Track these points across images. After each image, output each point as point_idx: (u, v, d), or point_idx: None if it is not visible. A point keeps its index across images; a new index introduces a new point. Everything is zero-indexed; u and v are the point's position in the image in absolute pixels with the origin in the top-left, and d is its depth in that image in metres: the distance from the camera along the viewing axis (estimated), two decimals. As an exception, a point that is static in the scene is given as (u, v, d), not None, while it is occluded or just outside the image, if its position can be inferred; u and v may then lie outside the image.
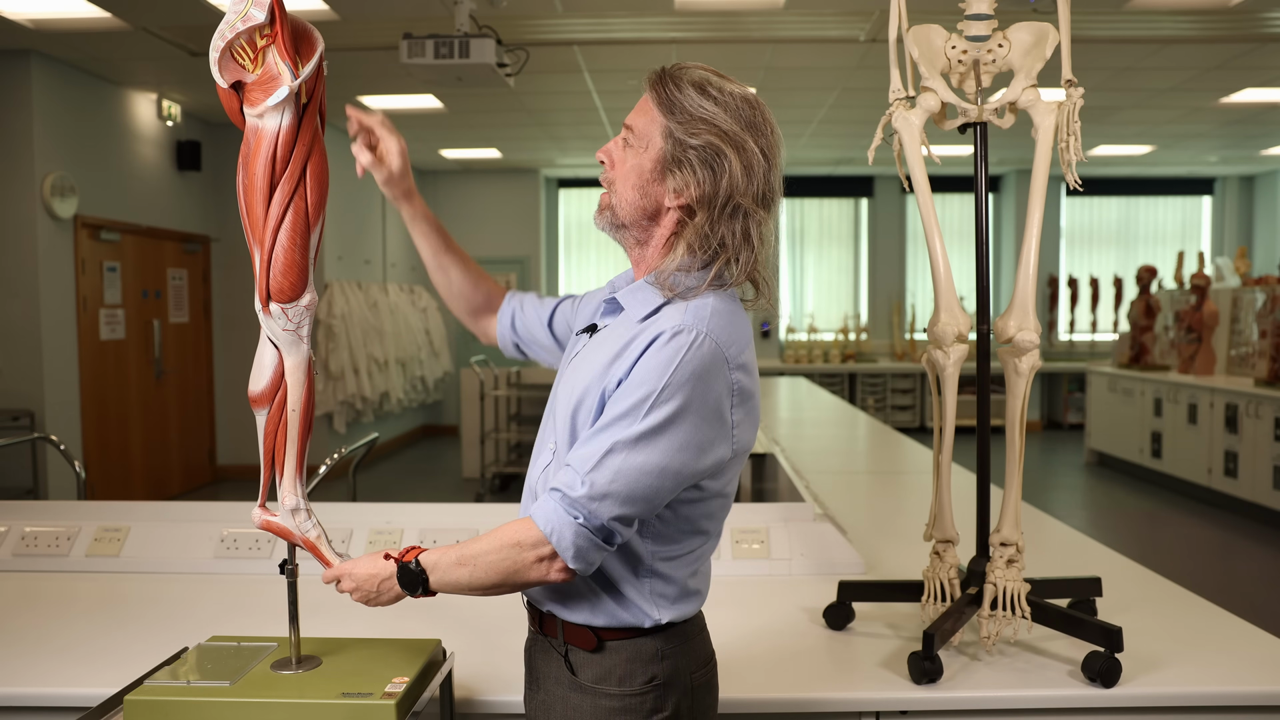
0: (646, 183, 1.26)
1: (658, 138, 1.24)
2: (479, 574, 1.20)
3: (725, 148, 1.20)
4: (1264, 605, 4.61)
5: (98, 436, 6.29)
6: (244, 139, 1.28)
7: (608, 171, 1.30)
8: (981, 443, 1.84)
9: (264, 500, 1.37)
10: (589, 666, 1.26)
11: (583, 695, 1.25)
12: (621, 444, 1.15)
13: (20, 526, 2.32)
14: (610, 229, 1.31)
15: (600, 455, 1.16)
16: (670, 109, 1.23)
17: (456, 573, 1.21)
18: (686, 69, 1.25)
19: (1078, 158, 1.72)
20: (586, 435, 1.20)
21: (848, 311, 11.31)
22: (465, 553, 1.21)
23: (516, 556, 1.18)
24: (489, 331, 1.63)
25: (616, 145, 1.30)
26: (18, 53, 5.62)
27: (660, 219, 1.28)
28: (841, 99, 7.21)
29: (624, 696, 1.24)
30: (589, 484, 1.15)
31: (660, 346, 1.17)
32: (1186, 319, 7.47)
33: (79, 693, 1.56)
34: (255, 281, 1.30)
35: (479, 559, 1.20)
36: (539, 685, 1.32)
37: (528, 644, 1.36)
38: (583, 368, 1.28)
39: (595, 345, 1.30)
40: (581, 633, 1.26)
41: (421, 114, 7.65)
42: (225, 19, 1.23)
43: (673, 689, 1.26)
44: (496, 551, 1.19)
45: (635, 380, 1.17)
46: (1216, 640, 1.80)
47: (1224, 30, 5.46)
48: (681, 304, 1.22)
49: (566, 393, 1.27)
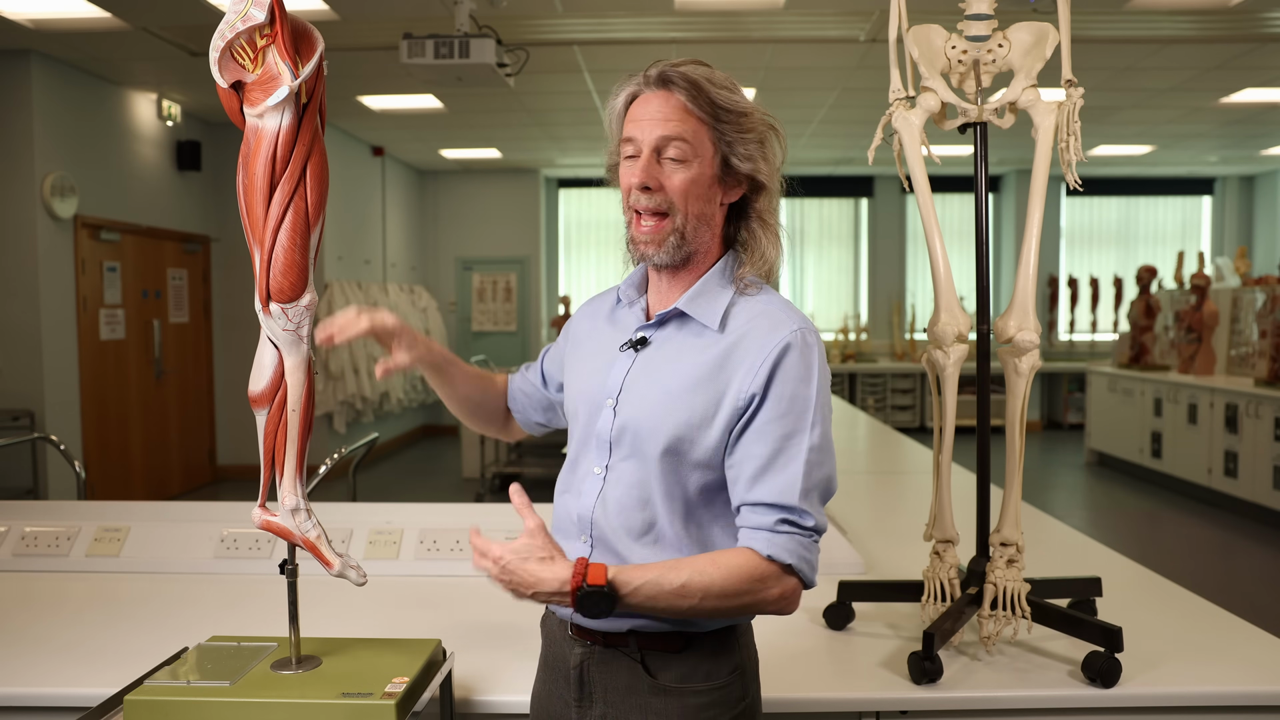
0: (708, 189, 1.25)
1: (708, 143, 1.23)
2: (706, 606, 1.15)
3: (768, 131, 1.26)
4: (1264, 605, 4.61)
5: (98, 436, 6.29)
6: (244, 139, 1.28)
7: (655, 195, 1.23)
8: (981, 443, 1.84)
9: (264, 500, 1.37)
10: (670, 668, 1.24)
11: (667, 698, 1.23)
12: (808, 451, 1.18)
13: (20, 526, 2.32)
14: (673, 254, 1.25)
15: (794, 465, 1.18)
16: (715, 113, 1.23)
17: (672, 601, 1.14)
18: (681, 67, 1.23)
19: (1078, 158, 1.72)
20: (760, 460, 1.18)
21: (848, 311, 11.31)
22: (689, 583, 1.13)
23: (760, 593, 1.16)
24: (514, 428, 1.59)
25: (655, 165, 1.23)
26: (18, 53, 5.62)
27: (714, 221, 1.28)
28: (841, 99, 7.21)
29: (713, 690, 1.23)
30: (800, 490, 1.17)
31: (798, 356, 1.20)
32: (1186, 319, 7.47)
33: (79, 693, 1.56)
34: (255, 281, 1.30)
35: (710, 592, 1.14)
36: (595, 700, 1.26)
37: (577, 662, 1.28)
38: (656, 388, 1.23)
39: (661, 360, 1.25)
40: (665, 637, 1.23)
41: (421, 114, 7.65)
42: (225, 19, 1.23)
43: (749, 674, 1.29)
44: (734, 586, 1.14)
45: (787, 394, 1.19)
46: (1216, 640, 1.80)
47: (1224, 30, 5.46)
48: (753, 301, 1.25)
49: (645, 413, 1.23)
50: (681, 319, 1.27)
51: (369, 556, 2.23)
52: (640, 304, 1.34)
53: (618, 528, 1.24)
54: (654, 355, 1.27)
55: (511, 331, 10.68)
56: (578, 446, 1.32)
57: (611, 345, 1.32)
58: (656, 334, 1.28)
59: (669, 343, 1.27)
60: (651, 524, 1.23)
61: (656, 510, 1.23)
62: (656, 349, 1.27)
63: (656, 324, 1.29)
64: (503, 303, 10.69)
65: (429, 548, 2.24)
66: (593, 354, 1.35)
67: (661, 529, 1.23)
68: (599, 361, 1.32)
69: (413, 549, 2.25)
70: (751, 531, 1.18)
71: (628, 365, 1.28)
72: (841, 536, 2.28)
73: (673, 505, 1.23)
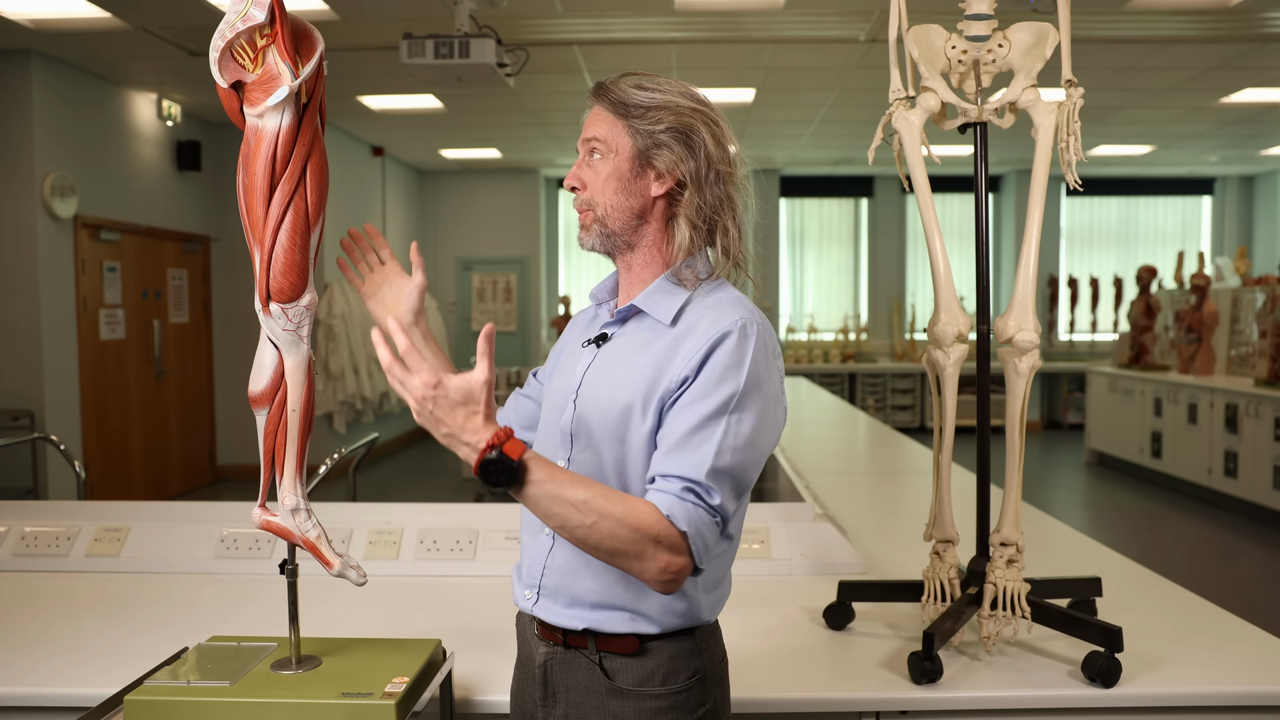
0: (629, 182, 1.28)
1: (624, 137, 1.28)
2: (596, 532, 1.11)
3: (693, 122, 1.27)
4: (1264, 605, 4.61)
5: (98, 436, 6.29)
6: (244, 139, 1.28)
7: (581, 194, 1.31)
8: (981, 443, 1.84)
9: (264, 500, 1.37)
10: (628, 671, 1.24)
11: (624, 700, 1.24)
12: (723, 435, 1.17)
13: (20, 526, 2.32)
14: (601, 242, 1.31)
15: (709, 444, 1.16)
16: (625, 110, 1.28)
17: (566, 510, 1.11)
18: (619, 78, 1.30)
19: (1078, 158, 1.72)
20: (677, 435, 1.17)
21: (848, 311, 11.31)
22: (589, 501, 1.11)
23: (645, 549, 1.12)
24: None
25: (583, 166, 1.31)
26: (18, 53, 5.62)
27: (649, 214, 1.30)
28: (841, 99, 7.21)
29: (670, 695, 1.24)
30: (709, 468, 1.15)
31: (734, 343, 1.20)
32: (1186, 319, 7.47)
33: (79, 693, 1.56)
34: (255, 281, 1.30)
35: (605, 517, 1.11)
36: (557, 700, 1.28)
37: (542, 661, 1.30)
38: (610, 377, 1.26)
39: (617, 354, 1.29)
40: (622, 639, 1.25)
41: (421, 114, 7.65)
42: (225, 19, 1.23)
43: (710, 682, 1.28)
44: (627, 527, 1.11)
45: (715, 377, 1.18)
46: (1216, 640, 1.80)
47: (1224, 30, 5.46)
48: (708, 297, 1.27)
49: (597, 402, 1.25)
50: (639, 315, 1.31)
51: (369, 556, 2.23)
52: (610, 304, 1.39)
53: None
54: (611, 350, 1.31)
55: (511, 331, 10.68)
56: (546, 442, 1.34)
57: (580, 344, 1.37)
58: (618, 330, 1.33)
59: (626, 338, 1.30)
60: None
61: None
62: (615, 343, 1.31)
63: (618, 320, 1.33)
64: (503, 303, 10.69)
65: (429, 548, 2.24)
66: (569, 355, 1.40)
67: None
68: (570, 360, 1.37)
69: (413, 549, 2.25)
70: (657, 493, 1.16)
71: (589, 361, 1.32)
72: (841, 536, 2.28)
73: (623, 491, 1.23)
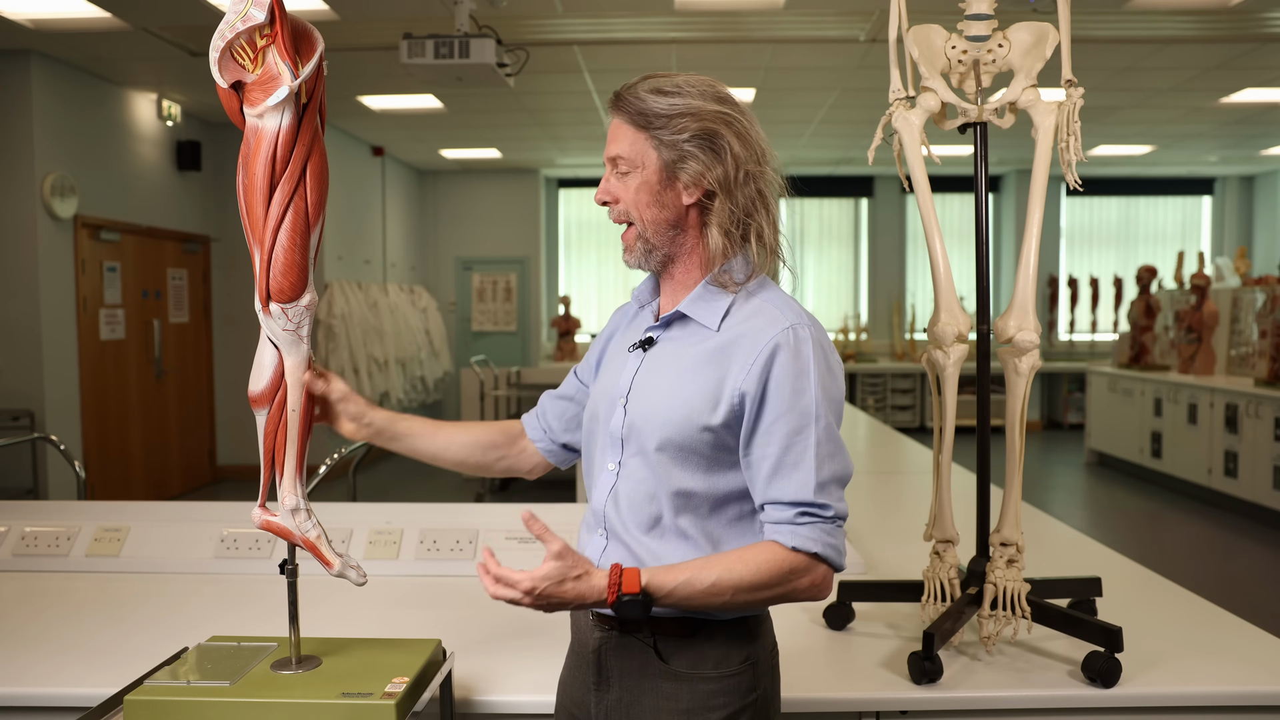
0: (659, 194, 1.28)
1: (649, 151, 1.27)
2: (739, 600, 1.20)
3: (716, 127, 1.25)
4: (1264, 605, 4.61)
5: (98, 436, 6.29)
6: (244, 139, 1.28)
7: (616, 208, 1.31)
8: (981, 443, 1.84)
9: (264, 500, 1.37)
10: (682, 653, 1.27)
11: (678, 683, 1.26)
12: (816, 445, 1.22)
13: (20, 526, 2.32)
14: (644, 258, 1.31)
15: (806, 461, 1.22)
16: (646, 121, 1.27)
17: (705, 600, 1.20)
18: (637, 83, 1.29)
19: (1078, 158, 1.72)
20: (773, 459, 1.22)
21: (848, 311, 11.31)
22: (719, 582, 1.19)
23: (791, 584, 1.21)
24: (523, 460, 1.53)
25: (611, 181, 1.31)
26: (18, 53, 5.62)
27: (685, 223, 1.30)
28: (841, 99, 7.21)
29: (722, 678, 1.26)
30: (814, 484, 1.21)
31: (791, 352, 1.23)
32: (1186, 319, 7.47)
33: (79, 693, 1.56)
34: (255, 281, 1.30)
35: (740, 587, 1.19)
36: (611, 684, 1.30)
37: (596, 646, 1.32)
38: (663, 384, 1.27)
39: (667, 359, 1.30)
40: (678, 622, 1.27)
41: (421, 114, 7.65)
42: (225, 19, 1.23)
43: (761, 668, 1.31)
44: (764, 579, 1.20)
45: (786, 391, 1.22)
46: (1216, 640, 1.80)
47: (1224, 30, 5.46)
48: (751, 300, 1.28)
49: (651, 408, 1.26)
50: (684, 320, 1.31)
51: (369, 556, 2.23)
52: (652, 307, 1.39)
53: (628, 522, 1.28)
54: (659, 354, 1.31)
55: (511, 331, 10.68)
56: (595, 444, 1.36)
57: (626, 346, 1.37)
58: (663, 335, 1.33)
59: (672, 343, 1.31)
60: (658, 518, 1.27)
61: (661, 504, 1.26)
62: (662, 348, 1.32)
63: (662, 325, 1.33)
64: (503, 303, 10.69)
65: (429, 548, 2.24)
66: (614, 354, 1.40)
67: (666, 523, 1.26)
68: (617, 362, 1.37)
69: (413, 549, 2.25)
70: (774, 526, 1.23)
71: (637, 365, 1.32)
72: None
73: (674, 499, 1.26)
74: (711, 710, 1.25)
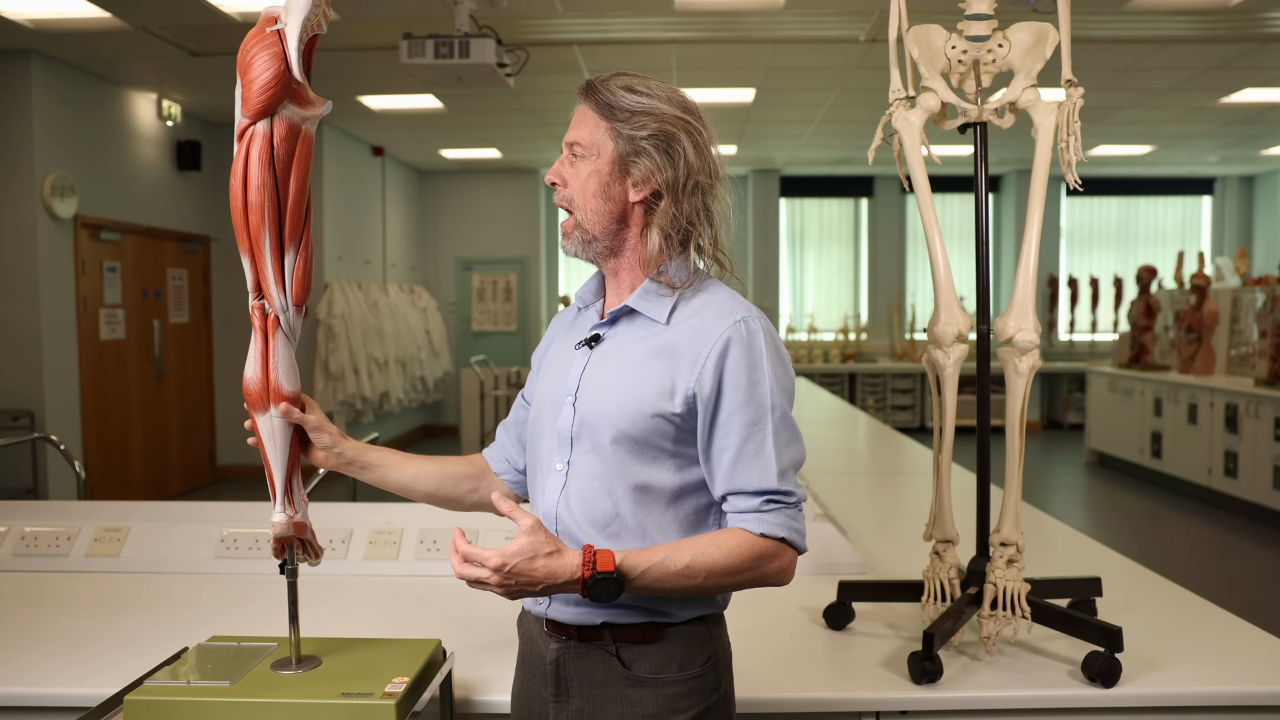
0: (607, 185, 1.29)
1: (607, 141, 1.28)
2: (711, 583, 1.22)
3: (675, 131, 1.27)
4: (1264, 605, 4.61)
5: (98, 436, 6.29)
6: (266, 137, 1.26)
7: (562, 191, 1.32)
8: (981, 443, 1.84)
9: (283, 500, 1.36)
10: (645, 659, 1.26)
11: (642, 689, 1.26)
12: (774, 434, 1.24)
13: (20, 526, 2.32)
14: (581, 248, 1.32)
15: (766, 450, 1.23)
16: (610, 112, 1.28)
17: (677, 582, 1.20)
18: (610, 77, 1.30)
19: (1078, 158, 1.72)
20: (733, 451, 1.23)
21: (848, 311, 11.31)
22: (693, 564, 1.19)
23: (761, 569, 1.23)
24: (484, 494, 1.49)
25: (564, 165, 1.31)
26: (18, 53, 5.62)
27: (629, 219, 1.31)
28: (841, 99, 7.21)
29: (687, 680, 1.26)
30: (775, 472, 1.23)
31: (743, 345, 1.24)
32: (1186, 319, 7.47)
33: (79, 693, 1.56)
34: (281, 284, 1.30)
35: (713, 571, 1.20)
36: (571, 695, 1.28)
37: (553, 658, 1.30)
38: (613, 379, 1.27)
39: (615, 354, 1.29)
40: (640, 628, 1.26)
41: (421, 114, 7.65)
42: (296, 13, 1.22)
43: (722, 666, 1.31)
44: (735, 564, 1.21)
45: (742, 383, 1.23)
46: (1216, 640, 1.80)
47: (1224, 30, 5.46)
48: (698, 296, 1.29)
49: (603, 403, 1.26)
50: (631, 315, 1.32)
51: (369, 556, 2.23)
52: (596, 306, 1.39)
53: (581, 520, 1.27)
54: (607, 350, 1.31)
55: (511, 331, 10.68)
56: (540, 446, 1.34)
57: (570, 347, 1.36)
58: (609, 331, 1.33)
59: (620, 338, 1.31)
60: (614, 514, 1.26)
61: (618, 499, 1.26)
62: (609, 344, 1.32)
63: (609, 322, 1.33)
64: (503, 303, 10.69)
65: (429, 548, 2.24)
66: (555, 357, 1.40)
67: (624, 519, 1.26)
68: (560, 362, 1.37)
69: (413, 549, 2.25)
70: (740, 515, 1.24)
71: (584, 362, 1.32)
72: (841, 536, 2.28)
73: (632, 493, 1.25)
74: (676, 713, 1.25)
